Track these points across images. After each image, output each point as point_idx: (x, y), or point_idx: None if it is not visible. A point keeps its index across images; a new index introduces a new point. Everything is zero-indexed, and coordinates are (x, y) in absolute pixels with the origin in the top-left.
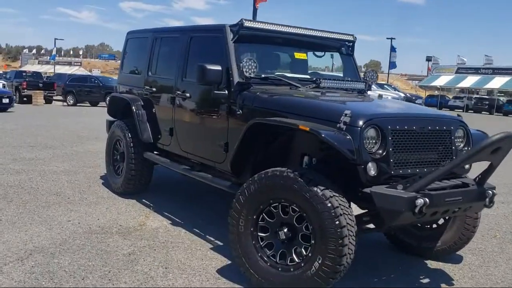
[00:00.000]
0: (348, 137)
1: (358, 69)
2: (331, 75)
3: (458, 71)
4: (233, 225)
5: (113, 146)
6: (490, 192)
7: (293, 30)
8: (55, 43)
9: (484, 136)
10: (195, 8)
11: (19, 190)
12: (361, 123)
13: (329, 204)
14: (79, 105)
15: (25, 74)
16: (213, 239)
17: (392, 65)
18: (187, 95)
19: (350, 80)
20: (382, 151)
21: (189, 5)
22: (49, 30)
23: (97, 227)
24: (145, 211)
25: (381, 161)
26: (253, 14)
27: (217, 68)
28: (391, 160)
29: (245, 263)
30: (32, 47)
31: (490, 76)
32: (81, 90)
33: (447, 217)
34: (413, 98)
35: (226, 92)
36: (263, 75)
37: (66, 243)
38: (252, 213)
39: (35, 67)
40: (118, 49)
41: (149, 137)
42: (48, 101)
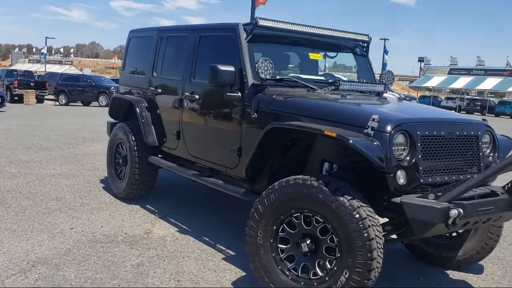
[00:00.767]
0: (376, 144)
1: (373, 70)
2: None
3: (450, 72)
4: (251, 236)
5: (115, 149)
6: None
7: (309, 29)
8: (46, 42)
9: (510, 141)
10: (186, 7)
11: (17, 195)
12: (390, 128)
13: (356, 215)
14: (71, 104)
15: (16, 73)
16: (224, 248)
17: (384, 66)
18: (196, 97)
19: (369, 82)
20: (411, 158)
21: (180, 4)
22: (39, 28)
23: (101, 235)
24: (150, 218)
25: (410, 169)
26: (251, 15)
27: (230, 69)
28: (420, 167)
29: (264, 277)
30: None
31: (482, 77)
32: (74, 89)
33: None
34: (407, 98)
35: (239, 94)
36: (277, 77)
37: (70, 253)
38: (272, 224)
39: (26, 66)
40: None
41: (154, 140)
42: (39, 100)
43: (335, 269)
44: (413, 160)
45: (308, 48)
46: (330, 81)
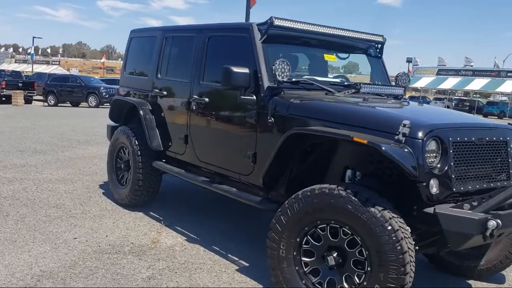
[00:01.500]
0: (408, 151)
1: (387, 72)
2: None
3: (438, 73)
4: (273, 249)
5: (116, 153)
6: None
7: (325, 30)
8: (33, 42)
9: None
10: (173, 7)
11: (15, 202)
12: (422, 134)
13: (389, 226)
14: (60, 105)
15: (3, 73)
16: (237, 259)
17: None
18: (206, 100)
19: (390, 85)
20: (442, 166)
21: (167, 4)
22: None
23: (107, 246)
24: (156, 226)
25: (442, 177)
26: (246, 15)
27: (244, 71)
28: (453, 175)
29: None
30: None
31: (470, 77)
32: (63, 90)
33: None
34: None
35: (254, 97)
36: (293, 79)
37: (76, 265)
38: (295, 236)
39: (12, 66)
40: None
41: (159, 144)
42: (27, 101)
43: (365, 283)
44: (445, 167)
45: (323, 49)
46: (346, 83)
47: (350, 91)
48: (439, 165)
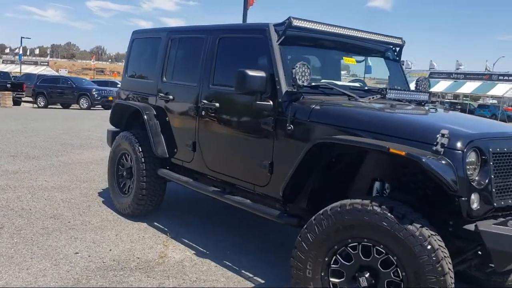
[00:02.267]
0: (447, 163)
1: (406, 76)
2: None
3: (430, 76)
4: (298, 269)
5: (118, 160)
6: None
7: (345, 31)
8: (21, 42)
9: None
10: (164, 8)
11: (9, 212)
12: (462, 145)
13: (428, 246)
14: (50, 107)
15: None
16: (251, 275)
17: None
18: (216, 105)
19: (416, 90)
20: (482, 179)
21: (158, 6)
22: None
23: (111, 261)
24: (162, 238)
25: (482, 191)
26: (243, 17)
27: (260, 74)
28: (493, 189)
29: None
30: None
31: (461, 81)
32: (53, 91)
33: None
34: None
35: (270, 103)
36: (312, 83)
37: (79, 284)
38: (323, 255)
39: None
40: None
41: (164, 151)
42: (16, 102)
43: None
44: (485, 180)
45: (341, 51)
46: (366, 88)
47: (374, 97)
48: (478, 178)
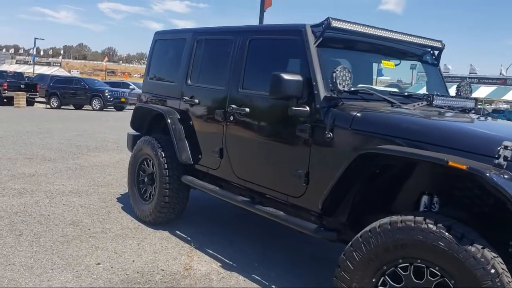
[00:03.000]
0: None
1: (445, 81)
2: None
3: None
4: None
5: (138, 166)
6: None
7: (385, 33)
8: (35, 43)
9: None
10: (175, 10)
11: (27, 218)
12: None
13: (492, 270)
14: (63, 107)
15: (6, 74)
16: None
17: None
18: (246, 110)
19: (460, 96)
20: None
21: (169, 7)
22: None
23: (135, 273)
24: (185, 248)
25: None
26: (259, 19)
27: (297, 78)
28: None
29: None
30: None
31: (476, 85)
32: (66, 92)
33: None
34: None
35: (307, 108)
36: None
37: None
38: (370, 276)
39: (13, 67)
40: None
41: (189, 157)
42: (30, 103)
43: None
44: None
45: (379, 54)
46: (405, 93)
47: (420, 104)
48: None
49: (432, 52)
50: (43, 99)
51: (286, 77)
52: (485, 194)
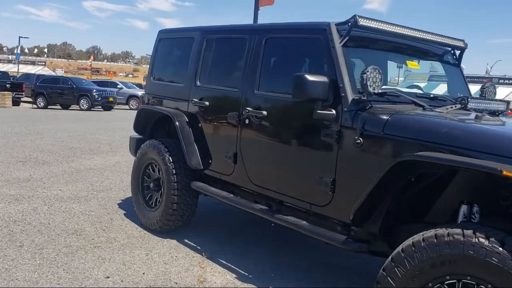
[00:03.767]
0: None
1: (467, 82)
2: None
3: (430, 79)
4: None
5: (143, 171)
6: None
7: (411, 32)
8: (19, 41)
9: None
10: (160, 9)
11: (27, 227)
12: None
13: None
14: (50, 107)
15: None
16: None
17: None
18: (263, 113)
19: (490, 99)
20: None
21: (154, 6)
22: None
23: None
24: (196, 259)
25: None
26: (253, 17)
27: (322, 80)
28: None
29: None
30: None
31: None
32: (53, 91)
33: None
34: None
35: (333, 112)
36: (379, 90)
37: None
38: None
39: None
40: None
41: (199, 162)
42: (15, 103)
43: None
44: None
45: (403, 55)
46: (431, 95)
47: (454, 106)
48: None
49: (453, 51)
50: (29, 99)
51: (310, 78)
52: None
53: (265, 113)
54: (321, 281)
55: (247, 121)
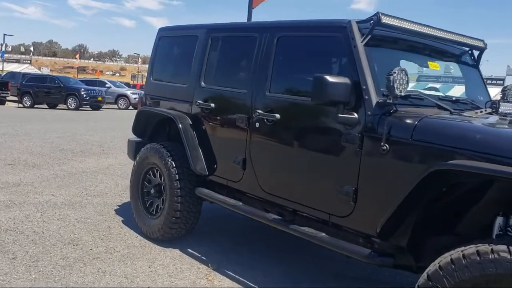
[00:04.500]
0: None
1: (486, 84)
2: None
3: (419, 79)
4: None
5: (143, 176)
6: None
7: (435, 32)
8: (4, 39)
9: None
10: (147, 7)
11: (20, 237)
12: None
13: None
14: (36, 107)
15: None
16: None
17: None
18: (276, 117)
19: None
20: None
21: (141, 4)
22: None
23: None
24: (203, 270)
25: None
26: (248, 16)
27: (344, 81)
28: None
29: None
30: None
31: (450, 84)
32: (40, 91)
33: None
34: None
35: (356, 116)
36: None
37: None
38: None
39: None
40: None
41: (204, 168)
42: (0, 102)
43: None
44: None
45: (424, 55)
46: (454, 98)
47: (483, 111)
48: None
49: (470, 51)
50: (15, 98)
51: (331, 79)
52: None
53: (278, 116)
54: None
55: (257, 125)
